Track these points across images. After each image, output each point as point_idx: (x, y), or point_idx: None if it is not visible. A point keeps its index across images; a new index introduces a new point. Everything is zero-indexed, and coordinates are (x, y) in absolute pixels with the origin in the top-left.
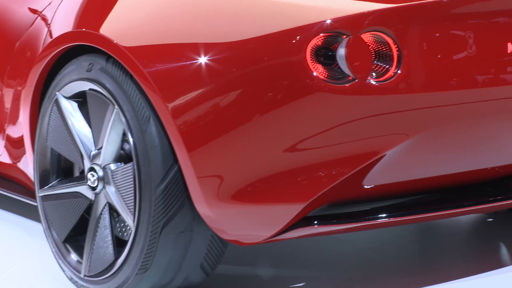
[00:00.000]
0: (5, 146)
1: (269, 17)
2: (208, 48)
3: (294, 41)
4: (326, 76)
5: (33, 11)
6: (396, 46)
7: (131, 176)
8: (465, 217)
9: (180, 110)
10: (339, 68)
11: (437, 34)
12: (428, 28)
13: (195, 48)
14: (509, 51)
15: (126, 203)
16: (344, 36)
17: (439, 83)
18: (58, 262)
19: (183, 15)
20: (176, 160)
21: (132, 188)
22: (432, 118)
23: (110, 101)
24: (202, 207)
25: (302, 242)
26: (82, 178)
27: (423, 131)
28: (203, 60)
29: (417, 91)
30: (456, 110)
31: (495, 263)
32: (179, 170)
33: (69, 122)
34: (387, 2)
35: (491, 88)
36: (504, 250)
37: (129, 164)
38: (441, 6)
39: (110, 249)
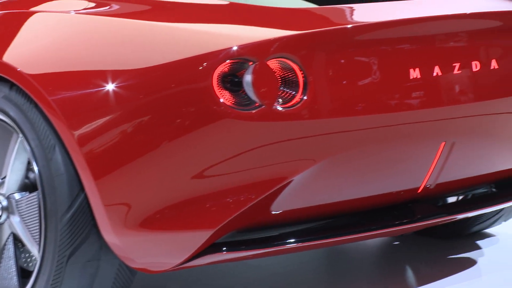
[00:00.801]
0: None
1: (176, 44)
2: (114, 75)
3: (201, 67)
4: (233, 102)
5: None
6: (302, 72)
7: (36, 206)
8: (373, 240)
9: (86, 137)
10: (246, 94)
11: (342, 60)
12: (333, 54)
13: (101, 75)
14: (411, 77)
15: (31, 233)
16: (251, 63)
17: (345, 108)
18: None
19: (88, 42)
20: (82, 189)
21: (37, 218)
22: (338, 143)
23: (14, 129)
24: (110, 236)
25: (211, 268)
26: None
27: (330, 156)
28: (109, 87)
29: (323, 117)
30: (361, 135)
31: (403, 285)
32: (86, 198)
33: None
34: (292, 29)
35: (395, 113)
36: (410, 273)
37: (34, 193)
38: (345, 32)
39: (14, 280)
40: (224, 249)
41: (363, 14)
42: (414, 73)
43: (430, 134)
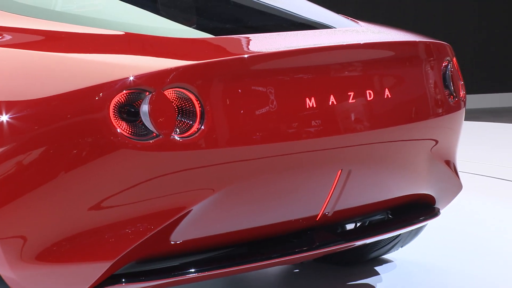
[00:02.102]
0: None
1: (71, 74)
2: (8, 105)
3: (97, 98)
4: (130, 132)
5: None
6: (198, 102)
7: None
8: (273, 268)
9: None
10: (143, 124)
11: (239, 90)
12: (230, 84)
13: None
14: (307, 106)
15: None
16: (147, 93)
17: (242, 138)
18: None
19: None
20: None
21: None
22: (236, 172)
23: None
24: (5, 270)
25: None
26: None
27: (228, 186)
28: (3, 118)
29: (221, 146)
30: (259, 164)
31: None
32: None
33: None
34: (189, 59)
35: (292, 142)
36: None
37: None
38: (242, 62)
39: None
40: (123, 280)
41: (259, 44)
42: (310, 102)
43: (326, 163)
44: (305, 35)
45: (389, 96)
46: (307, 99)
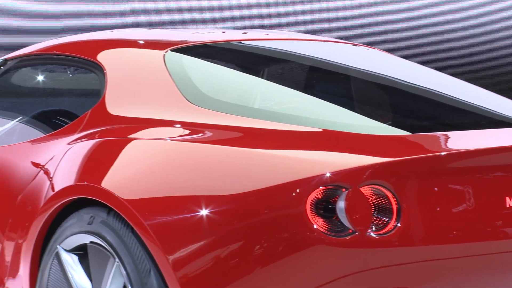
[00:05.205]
0: None
1: (269, 170)
2: (208, 200)
3: (294, 193)
4: (326, 228)
5: (36, 165)
6: (395, 199)
7: None
8: None
9: (180, 262)
10: (339, 221)
11: (436, 188)
12: (426, 181)
13: (195, 201)
14: (508, 205)
15: None
16: (344, 189)
17: (439, 236)
18: None
19: (182, 168)
20: None
21: None
22: (432, 271)
23: (111, 253)
24: None
25: None
26: None
27: (424, 285)
28: (203, 212)
29: (416, 244)
30: (456, 263)
31: None
32: None
33: (70, 276)
34: (385, 156)
35: (491, 241)
36: None
37: None
38: (439, 160)
39: None
40: None
41: (456, 141)
42: (509, 202)
43: None
44: (504, 132)
45: None
46: (507, 198)
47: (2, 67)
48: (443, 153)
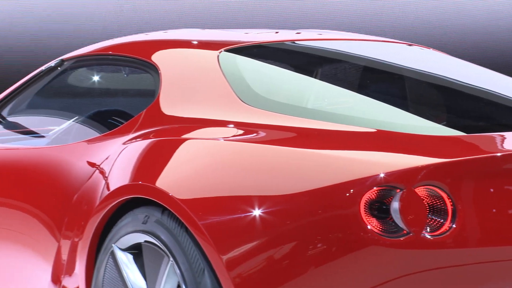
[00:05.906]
0: None
1: (322, 170)
2: (261, 200)
3: (347, 194)
4: (380, 229)
5: (91, 164)
6: (450, 200)
7: None
8: None
9: (234, 262)
10: (394, 221)
11: (491, 189)
12: (482, 182)
13: (248, 201)
14: None
15: None
16: (398, 190)
17: (494, 237)
18: None
19: (236, 168)
20: None
21: None
22: (487, 273)
23: (165, 253)
24: None
25: None
26: None
27: (480, 287)
28: (257, 212)
29: (472, 246)
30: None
31: None
32: None
33: (125, 274)
34: (440, 157)
35: None
36: None
37: None
38: (494, 160)
39: None
40: None
41: (511, 142)
42: None
43: None
44: None
45: None
46: None
47: (59, 68)
48: (498, 154)
